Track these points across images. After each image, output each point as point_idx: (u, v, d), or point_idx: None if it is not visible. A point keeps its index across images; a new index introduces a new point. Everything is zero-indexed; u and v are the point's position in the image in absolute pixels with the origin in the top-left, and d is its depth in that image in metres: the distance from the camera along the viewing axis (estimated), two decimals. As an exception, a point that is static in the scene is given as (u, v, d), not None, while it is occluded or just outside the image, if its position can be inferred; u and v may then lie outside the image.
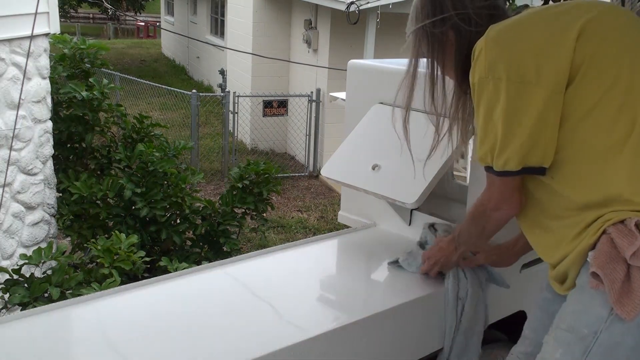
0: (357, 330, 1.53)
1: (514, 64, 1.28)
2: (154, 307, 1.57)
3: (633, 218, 1.21)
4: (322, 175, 2.63)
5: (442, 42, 1.50)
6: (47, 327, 1.45)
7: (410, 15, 1.55)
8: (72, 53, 4.71)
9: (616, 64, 1.28)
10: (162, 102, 11.61)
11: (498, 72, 1.29)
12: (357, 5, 8.11)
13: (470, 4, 1.47)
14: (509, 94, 1.28)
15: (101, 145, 4.79)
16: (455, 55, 1.49)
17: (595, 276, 1.22)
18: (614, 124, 1.25)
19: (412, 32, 1.53)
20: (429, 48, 1.52)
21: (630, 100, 1.26)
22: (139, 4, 24.60)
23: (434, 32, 1.49)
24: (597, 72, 1.27)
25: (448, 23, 1.47)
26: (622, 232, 1.21)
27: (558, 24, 1.32)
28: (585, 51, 1.27)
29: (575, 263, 1.30)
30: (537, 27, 1.34)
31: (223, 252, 4.42)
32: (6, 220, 4.14)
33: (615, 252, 1.21)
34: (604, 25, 1.31)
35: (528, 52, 1.29)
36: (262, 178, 4.53)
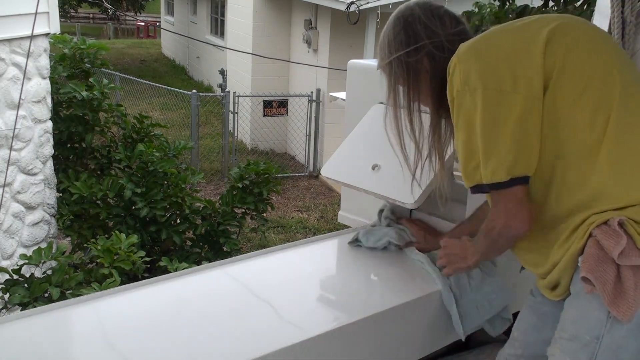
0: (357, 330, 1.53)
1: (489, 73, 1.29)
2: (154, 307, 1.57)
3: (615, 218, 1.21)
4: (322, 175, 2.63)
5: (417, 71, 1.51)
6: (47, 327, 1.45)
7: (381, 45, 1.56)
8: (72, 53, 4.71)
9: (587, 65, 1.29)
10: (162, 102, 11.61)
11: (474, 83, 1.29)
12: (357, 5, 8.11)
13: (443, 32, 1.50)
14: (487, 103, 1.28)
15: (101, 145, 4.79)
16: (430, 81, 1.51)
17: (587, 281, 1.22)
18: (592, 124, 1.26)
19: (387, 63, 1.54)
20: (404, 77, 1.53)
21: (604, 100, 1.27)
22: (139, 4, 24.60)
23: (409, 62, 1.50)
24: (570, 75, 1.28)
25: (422, 51, 1.49)
26: (607, 233, 1.21)
27: (525, 33, 1.34)
28: (555, 56, 1.28)
29: (567, 270, 1.30)
30: (506, 38, 1.35)
31: (223, 252, 4.42)
32: (6, 220, 4.15)
33: (603, 253, 1.21)
34: (570, 31, 1.32)
35: (501, 61, 1.30)
36: (262, 178, 4.53)
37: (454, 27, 1.51)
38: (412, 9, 1.53)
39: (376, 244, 1.88)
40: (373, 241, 1.88)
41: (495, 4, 4.12)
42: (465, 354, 2.10)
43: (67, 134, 4.65)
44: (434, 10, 1.53)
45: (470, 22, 4.09)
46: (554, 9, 3.73)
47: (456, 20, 1.54)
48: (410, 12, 1.52)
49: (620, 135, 1.26)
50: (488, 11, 4.07)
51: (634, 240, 1.21)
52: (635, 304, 1.18)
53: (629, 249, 1.20)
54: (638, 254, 1.20)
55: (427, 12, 1.52)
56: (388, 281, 1.80)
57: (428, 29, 1.50)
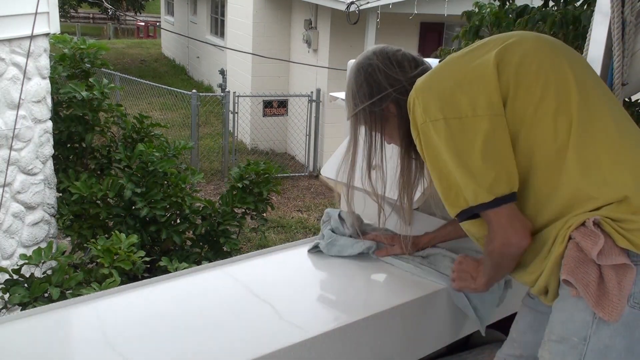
0: (357, 330, 1.53)
1: (446, 102, 1.31)
2: (154, 307, 1.57)
3: (591, 218, 1.21)
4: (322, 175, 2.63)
5: (384, 118, 1.55)
6: (47, 327, 1.45)
7: (346, 97, 1.60)
8: (72, 53, 4.71)
9: (540, 76, 1.30)
10: (162, 102, 11.62)
11: (434, 115, 1.31)
12: (357, 5, 8.11)
13: (403, 77, 1.53)
14: (451, 132, 1.29)
15: (101, 145, 4.79)
16: (398, 124, 1.54)
17: (569, 283, 1.22)
18: (555, 130, 1.28)
19: (354, 115, 1.57)
20: (370, 126, 1.57)
21: (563, 106, 1.29)
22: (139, 4, 24.60)
23: (375, 111, 1.54)
24: (525, 88, 1.29)
25: (387, 100, 1.53)
26: (584, 234, 1.21)
27: (475, 59, 1.35)
28: (507, 74, 1.30)
29: (552, 275, 1.30)
30: (458, 66, 1.37)
31: (223, 252, 4.42)
32: (6, 220, 4.15)
33: (583, 255, 1.21)
34: (517, 48, 1.34)
35: (456, 88, 1.32)
36: (262, 178, 4.53)
37: (414, 70, 1.54)
38: (370, 59, 1.56)
39: (340, 253, 1.82)
40: (336, 250, 1.83)
41: (495, 4, 4.12)
42: (465, 354, 2.10)
43: (67, 134, 4.65)
44: (391, 56, 1.56)
45: (471, 22, 4.08)
46: (554, 9, 3.72)
47: (415, 61, 1.57)
48: (369, 62, 1.56)
49: (583, 138, 1.27)
50: (488, 11, 4.06)
51: (613, 239, 1.21)
52: (620, 304, 1.18)
53: (608, 248, 1.19)
54: (618, 252, 1.20)
55: (385, 60, 1.55)
56: (388, 281, 1.80)
57: (389, 77, 1.53)
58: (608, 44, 2.06)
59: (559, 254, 1.26)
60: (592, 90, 1.34)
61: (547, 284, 1.32)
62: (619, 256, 1.19)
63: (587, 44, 2.16)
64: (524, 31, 1.48)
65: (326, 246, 1.84)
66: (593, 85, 1.36)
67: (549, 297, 1.35)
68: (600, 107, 1.32)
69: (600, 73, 2.08)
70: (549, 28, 3.39)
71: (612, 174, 1.25)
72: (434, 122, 1.31)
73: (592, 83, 1.36)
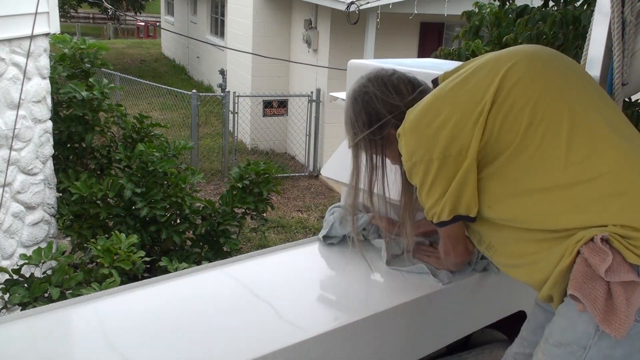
0: (357, 330, 1.53)
1: (431, 144, 1.36)
2: (154, 307, 1.57)
3: (599, 235, 1.21)
4: (322, 175, 2.63)
5: (385, 144, 1.58)
6: (47, 327, 1.45)
7: (346, 126, 1.62)
8: (72, 53, 4.71)
9: (526, 106, 1.33)
10: (162, 102, 11.62)
11: (419, 156, 1.38)
12: (357, 5, 8.12)
13: (401, 102, 1.53)
14: (434, 170, 1.37)
15: (101, 145, 4.79)
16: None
17: (577, 298, 1.22)
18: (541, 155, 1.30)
19: (355, 145, 1.60)
20: (371, 152, 1.60)
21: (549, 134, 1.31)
22: (139, 4, 24.60)
23: (375, 139, 1.57)
24: (511, 122, 1.33)
25: (387, 126, 1.55)
26: (593, 250, 1.21)
27: (471, 94, 1.37)
28: (499, 112, 1.33)
29: (557, 285, 1.29)
30: (448, 103, 1.39)
31: (223, 252, 4.42)
32: (6, 220, 4.15)
33: (591, 270, 1.21)
34: (514, 78, 1.35)
35: (442, 130, 1.35)
36: (262, 178, 4.53)
37: (411, 93, 1.55)
38: (366, 86, 1.57)
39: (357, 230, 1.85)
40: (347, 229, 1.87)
41: (495, 4, 4.12)
42: (465, 354, 2.10)
43: (67, 134, 4.64)
44: (387, 82, 1.56)
45: (471, 22, 4.08)
46: (554, 9, 3.72)
47: (411, 84, 1.57)
48: (365, 90, 1.56)
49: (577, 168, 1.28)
50: (488, 11, 4.07)
51: (623, 255, 1.20)
52: (627, 320, 1.17)
53: (616, 265, 1.19)
54: (627, 269, 1.19)
55: (381, 86, 1.55)
56: (388, 281, 1.80)
57: (387, 104, 1.54)
58: (608, 44, 2.06)
59: (565, 266, 1.25)
60: (589, 112, 1.34)
61: (551, 293, 1.32)
62: (628, 273, 1.18)
63: (587, 44, 2.16)
64: (519, 50, 1.46)
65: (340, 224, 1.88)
66: (590, 103, 1.36)
67: (554, 303, 1.35)
68: (597, 131, 1.32)
69: (600, 73, 2.08)
70: (549, 28, 3.39)
71: (609, 202, 1.25)
72: (419, 162, 1.38)
73: (588, 101, 1.36)
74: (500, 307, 1.97)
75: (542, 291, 1.34)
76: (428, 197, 1.42)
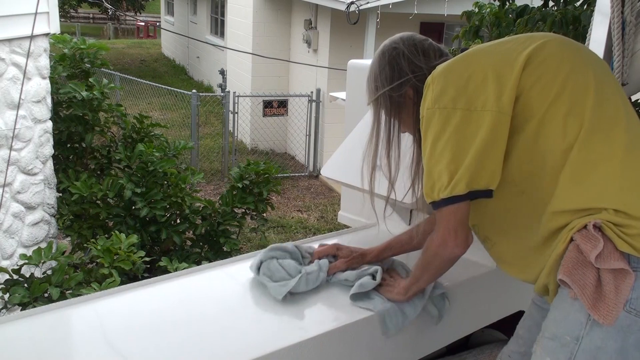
0: (357, 330, 1.53)
1: (459, 92, 1.33)
2: (154, 307, 1.57)
3: (592, 221, 1.22)
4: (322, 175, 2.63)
5: (401, 103, 1.56)
6: (47, 327, 1.45)
7: (368, 79, 1.61)
8: (72, 53, 4.71)
9: (559, 74, 1.33)
10: (162, 102, 11.62)
11: (444, 102, 1.33)
12: (357, 5, 8.12)
13: (425, 65, 1.54)
14: (456, 122, 1.31)
15: (101, 145, 4.79)
16: (414, 111, 1.54)
17: (566, 284, 1.23)
18: (564, 130, 1.29)
19: (375, 100, 1.59)
20: (388, 110, 1.58)
21: (576, 107, 1.30)
22: (139, 4, 24.61)
23: (393, 96, 1.55)
24: (542, 84, 1.32)
25: (406, 85, 1.54)
26: (585, 236, 1.22)
27: (503, 52, 1.37)
28: (530, 78, 1.32)
29: (552, 273, 1.30)
30: (481, 57, 1.39)
31: (223, 252, 4.41)
32: (6, 220, 4.15)
33: (582, 257, 1.22)
34: (546, 47, 1.36)
35: (472, 81, 1.33)
36: (262, 178, 4.53)
37: (438, 59, 1.55)
38: (397, 43, 1.58)
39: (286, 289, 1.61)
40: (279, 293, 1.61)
41: (495, 4, 4.12)
42: (465, 354, 2.10)
43: (67, 134, 4.64)
44: (417, 44, 1.57)
45: (470, 22, 4.08)
46: (554, 9, 3.72)
47: (440, 51, 1.58)
48: (395, 46, 1.58)
49: (591, 142, 1.28)
50: (488, 11, 4.07)
51: (614, 243, 1.21)
52: (616, 308, 1.18)
53: (607, 252, 1.20)
54: (618, 256, 1.20)
55: (411, 46, 1.56)
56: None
57: (412, 64, 1.54)
58: (608, 44, 2.06)
59: (558, 253, 1.27)
60: (610, 97, 1.35)
61: (547, 283, 1.33)
62: (618, 261, 1.19)
63: (587, 44, 2.16)
64: (551, 33, 1.48)
65: (275, 288, 1.62)
66: (612, 92, 1.37)
67: (550, 296, 1.36)
68: (616, 115, 1.33)
69: (600, 73, 2.08)
70: (549, 28, 3.39)
71: (612, 182, 1.26)
72: (441, 109, 1.33)
73: (611, 90, 1.37)
74: (500, 307, 1.97)
75: (539, 281, 1.35)
76: (439, 159, 1.32)
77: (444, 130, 1.32)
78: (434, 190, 1.34)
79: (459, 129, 1.31)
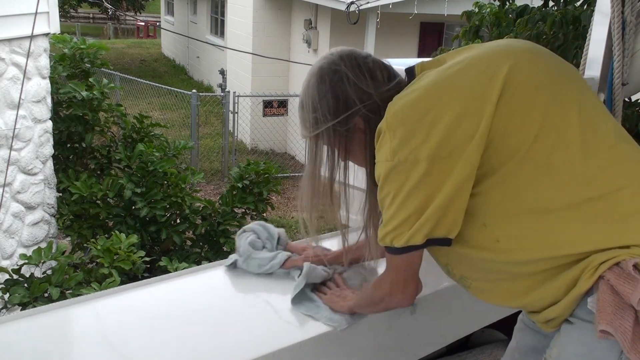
0: (357, 330, 1.53)
1: (421, 141, 1.14)
2: (154, 307, 1.57)
3: (628, 260, 1.09)
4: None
5: (349, 137, 1.34)
6: (47, 327, 1.45)
7: (305, 108, 1.36)
8: (72, 53, 4.71)
9: (534, 111, 1.17)
10: (162, 102, 11.62)
11: (404, 154, 1.15)
12: (357, 5, 8.12)
13: (375, 91, 1.31)
14: (418, 175, 1.14)
15: (101, 145, 4.79)
16: (366, 144, 1.33)
17: (606, 332, 1.11)
18: (549, 170, 1.15)
19: (315, 135, 1.35)
20: (334, 145, 1.35)
21: (561, 138, 1.17)
22: (139, 4, 24.62)
23: (339, 130, 1.32)
24: (519, 122, 1.16)
25: (354, 116, 1.31)
26: (620, 276, 1.10)
27: (470, 89, 1.18)
28: (505, 113, 1.15)
29: (569, 307, 1.17)
30: (445, 96, 1.18)
31: (223, 252, 4.42)
32: (6, 220, 4.15)
33: (619, 299, 1.10)
34: (518, 78, 1.18)
35: (436, 127, 1.14)
36: (262, 178, 4.53)
37: (387, 83, 1.32)
38: (337, 64, 1.33)
39: (260, 269, 1.69)
40: (256, 266, 1.70)
41: (495, 4, 4.12)
42: (465, 354, 2.10)
43: (67, 134, 4.65)
44: (362, 64, 1.33)
45: (470, 22, 4.08)
46: (554, 9, 3.72)
47: (388, 71, 1.35)
48: (336, 69, 1.33)
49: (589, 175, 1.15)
50: (488, 11, 4.07)
51: None
52: None
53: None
54: None
55: (355, 68, 1.32)
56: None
57: (359, 90, 1.31)
58: (608, 44, 2.06)
59: (582, 291, 1.14)
60: (597, 119, 1.22)
61: (559, 316, 1.20)
62: None
63: (587, 44, 2.16)
64: (520, 47, 1.29)
65: (244, 262, 1.71)
66: (596, 111, 1.24)
67: (552, 324, 1.25)
68: (606, 137, 1.20)
69: (600, 73, 2.08)
70: (548, 28, 3.39)
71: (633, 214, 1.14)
72: (402, 163, 1.15)
73: (594, 109, 1.24)
74: (501, 307, 1.97)
75: (545, 313, 1.22)
76: (399, 212, 1.17)
77: (405, 184, 1.15)
78: (388, 238, 1.21)
79: (422, 182, 1.14)
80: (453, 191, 1.15)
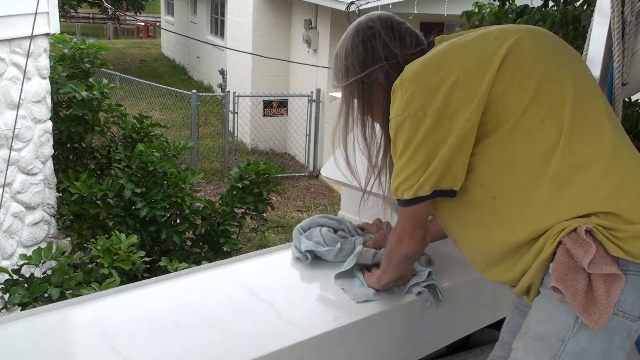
0: (357, 330, 1.53)
1: (429, 98, 1.29)
2: (154, 307, 1.57)
3: (583, 226, 1.20)
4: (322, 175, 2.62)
5: (372, 88, 1.49)
6: (47, 327, 1.45)
7: (338, 57, 1.52)
8: (72, 53, 4.71)
9: (534, 75, 1.29)
10: (162, 102, 11.62)
11: (413, 109, 1.30)
12: (357, 5, 8.12)
13: (401, 52, 1.46)
14: (425, 128, 1.29)
15: (101, 145, 4.79)
16: (383, 97, 1.48)
17: (557, 290, 1.21)
18: (541, 134, 1.27)
19: (345, 85, 1.51)
20: (360, 96, 1.51)
21: (554, 109, 1.28)
22: (139, 4, 24.61)
23: (365, 81, 1.48)
24: (517, 87, 1.28)
25: (379, 71, 1.47)
26: (576, 241, 1.20)
27: (477, 54, 1.32)
28: (502, 84, 1.28)
29: (537, 274, 1.28)
30: (454, 59, 1.33)
31: (223, 252, 4.42)
32: (6, 220, 4.15)
33: (573, 262, 1.20)
34: (520, 50, 1.31)
35: (443, 86, 1.29)
36: (262, 178, 4.53)
37: (414, 47, 1.47)
38: (374, 22, 1.49)
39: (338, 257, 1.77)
40: (343, 256, 1.76)
41: (495, 4, 4.12)
42: (465, 354, 2.10)
43: (67, 134, 4.65)
44: (395, 27, 1.49)
45: (470, 22, 4.08)
46: (554, 9, 3.72)
47: (417, 39, 1.50)
48: (371, 25, 1.48)
49: (574, 145, 1.26)
50: (488, 11, 4.06)
51: (605, 247, 1.20)
52: (606, 312, 1.17)
53: (598, 257, 1.19)
54: (608, 261, 1.19)
55: (388, 29, 1.48)
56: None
57: (386, 49, 1.46)
58: (608, 44, 2.06)
59: (547, 256, 1.25)
60: (590, 97, 1.33)
61: (531, 284, 1.31)
62: (610, 266, 1.18)
63: (587, 44, 2.16)
64: (525, 26, 1.42)
65: (335, 255, 1.77)
66: (591, 90, 1.35)
67: (530, 296, 1.34)
68: (597, 115, 1.31)
69: (600, 73, 2.08)
70: (548, 28, 3.39)
71: (600, 185, 1.24)
72: (411, 117, 1.30)
73: (590, 88, 1.35)
74: (500, 307, 1.97)
75: (521, 283, 1.32)
76: (408, 163, 1.32)
77: (414, 137, 1.30)
78: (399, 190, 1.35)
79: (429, 136, 1.29)
80: (456, 146, 1.28)
